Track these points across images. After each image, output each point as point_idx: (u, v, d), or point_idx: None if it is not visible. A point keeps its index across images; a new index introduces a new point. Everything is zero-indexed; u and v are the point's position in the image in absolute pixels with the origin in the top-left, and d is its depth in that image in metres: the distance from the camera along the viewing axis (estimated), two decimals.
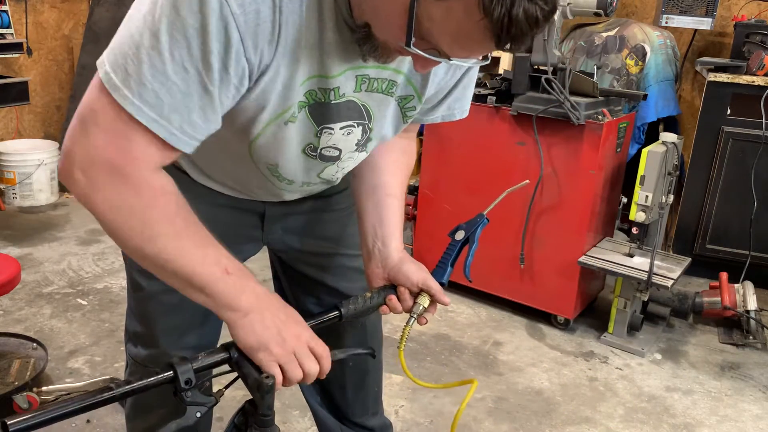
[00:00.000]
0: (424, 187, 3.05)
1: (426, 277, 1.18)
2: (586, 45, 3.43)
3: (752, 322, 2.84)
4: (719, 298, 2.88)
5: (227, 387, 1.03)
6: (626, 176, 3.01)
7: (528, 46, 2.20)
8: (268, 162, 1.11)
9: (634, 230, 2.75)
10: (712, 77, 3.16)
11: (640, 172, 2.65)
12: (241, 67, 0.89)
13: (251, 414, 1.00)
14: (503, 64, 3.59)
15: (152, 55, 0.85)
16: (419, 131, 2.05)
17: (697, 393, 2.53)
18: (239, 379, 1.00)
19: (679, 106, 3.55)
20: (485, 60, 0.97)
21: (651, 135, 3.32)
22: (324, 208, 1.39)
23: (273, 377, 0.96)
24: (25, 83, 3.68)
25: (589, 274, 2.88)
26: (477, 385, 1.18)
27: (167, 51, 0.84)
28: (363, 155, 1.19)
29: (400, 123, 1.17)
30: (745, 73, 3.14)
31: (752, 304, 2.84)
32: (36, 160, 3.93)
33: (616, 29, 3.40)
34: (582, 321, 2.99)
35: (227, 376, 1.03)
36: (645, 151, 2.65)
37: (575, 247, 2.75)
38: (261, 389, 0.95)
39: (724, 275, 2.95)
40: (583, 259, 2.73)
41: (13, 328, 2.64)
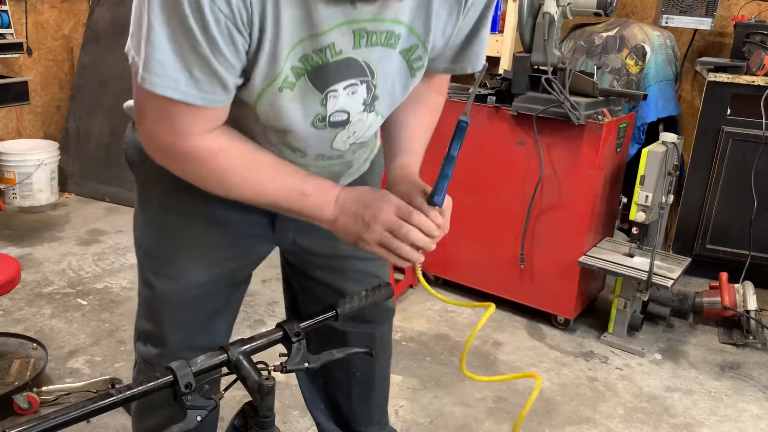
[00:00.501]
0: None
1: (411, 197, 1.11)
2: (586, 45, 3.43)
3: (752, 322, 2.84)
4: (719, 298, 2.88)
5: (226, 389, 1.03)
6: (626, 176, 3.01)
7: None
8: (277, 127, 1.10)
9: (634, 230, 2.75)
10: (712, 77, 3.16)
11: (640, 172, 2.65)
12: (236, 12, 0.91)
13: (251, 416, 1.00)
14: (503, 64, 3.59)
15: (150, 25, 0.91)
16: None
17: (697, 393, 2.53)
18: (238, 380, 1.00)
19: (679, 106, 3.55)
20: None
21: (651, 135, 3.31)
22: None
23: (272, 378, 0.95)
24: (25, 83, 3.68)
25: (589, 274, 2.88)
26: (494, 309, 1.17)
27: (159, 14, 0.90)
28: (373, 117, 1.16)
29: (408, 78, 1.14)
30: (745, 73, 3.14)
31: (752, 304, 2.84)
32: (36, 160, 3.93)
33: (616, 29, 3.40)
34: (582, 321, 2.99)
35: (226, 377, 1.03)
36: (645, 151, 2.65)
37: (575, 247, 2.75)
38: (261, 391, 0.95)
39: (724, 275, 2.95)
40: (583, 259, 2.73)
41: (13, 328, 2.64)
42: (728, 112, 3.18)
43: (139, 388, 0.89)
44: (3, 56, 3.78)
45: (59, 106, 4.48)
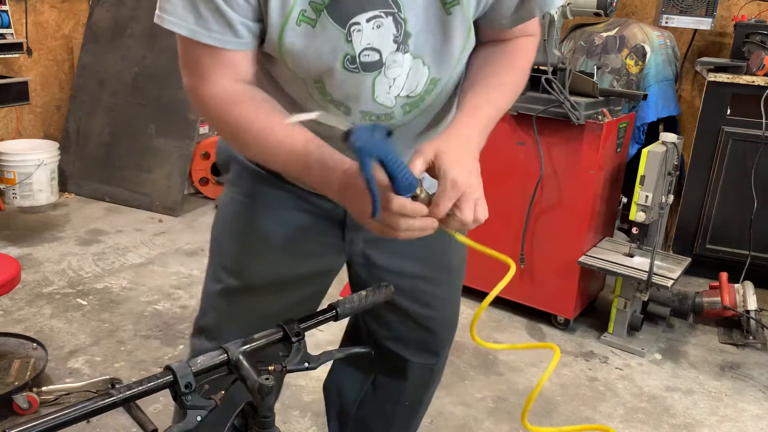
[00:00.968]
0: None
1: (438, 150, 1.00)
2: (586, 45, 3.43)
3: (752, 322, 2.84)
4: (719, 298, 2.88)
5: (227, 389, 1.02)
6: (626, 176, 3.01)
7: None
8: (312, 76, 1.07)
9: (634, 230, 2.75)
10: (712, 77, 3.16)
11: (640, 172, 2.65)
12: None
13: (251, 416, 1.00)
14: None
15: None
16: None
17: (697, 393, 2.53)
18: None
19: (679, 106, 3.55)
20: None
21: (651, 135, 3.32)
22: None
23: (272, 379, 0.95)
24: (25, 83, 3.68)
25: (589, 274, 2.88)
26: (514, 270, 1.06)
27: None
28: (410, 60, 1.05)
29: (443, 15, 1.03)
30: (745, 73, 3.14)
31: (752, 304, 2.84)
32: (36, 160, 3.93)
33: (616, 29, 3.40)
34: (582, 321, 2.99)
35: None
36: (645, 151, 2.65)
37: (575, 247, 2.75)
38: (261, 391, 0.95)
39: (724, 275, 2.95)
40: (583, 259, 2.73)
41: (13, 328, 2.64)
42: (728, 112, 3.18)
43: (139, 388, 0.89)
44: (3, 56, 3.78)
45: (59, 106, 4.48)
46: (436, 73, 1.09)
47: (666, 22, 3.41)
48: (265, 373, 0.96)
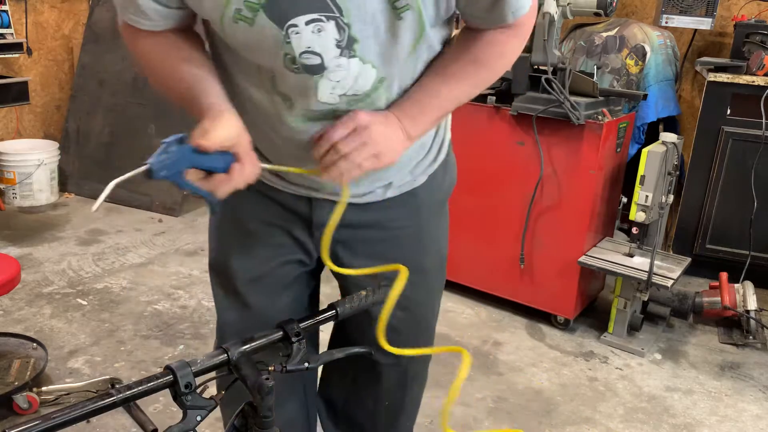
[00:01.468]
0: None
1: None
2: (586, 45, 3.43)
3: (752, 322, 2.84)
4: (719, 298, 2.88)
5: (227, 389, 1.03)
6: (626, 176, 3.01)
7: None
8: (254, 64, 1.07)
9: (634, 230, 2.75)
10: (712, 77, 3.16)
11: (640, 172, 2.65)
12: None
13: (251, 416, 1.00)
14: None
15: None
16: None
17: (697, 393, 2.53)
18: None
19: (679, 106, 3.55)
20: None
21: (651, 135, 3.32)
22: (378, 223, 1.30)
23: (273, 379, 0.95)
24: (25, 83, 3.68)
25: (589, 274, 2.88)
26: (406, 273, 1.05)
27: None
28: (359, 64, 1.04)
29: (394, 20, 1.00)
30: (745, 73, 3.14)
31: (752, 304, 2.84)
32: (36, 160, 3.93)
33: (616, 29, 3.40)
34: (582, 321, 2.99)
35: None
36: (645, 151, 2.65)
37: (575, 247, 2.75)
38: (261, 391, 0.95)
39: (724, 275, 2.95)
40: (583, 259, 2.73)
41: (13, 328, 2.64)
42: (728, 112, 3.18)
43: (139, 388, 0.89)
44: (3, 56, 3.78)
45: (59, 106, 4.48)
46: (384, 72, 1.07)
47: (666, 22, 3.41)
48: (265, 373, 0.96)
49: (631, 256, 2.78)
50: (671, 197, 2.80)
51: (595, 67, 3.26)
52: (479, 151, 2.85)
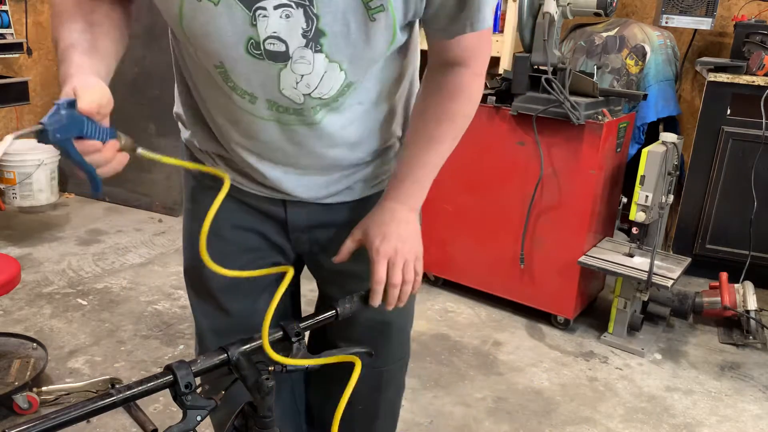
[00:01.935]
0: None
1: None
2: (586, 45, 3.43)
3: (752, 322, 2.84)
4: (719, 298, 2.89)
5: (227, 389, 1.03)
6: (626, 176, 3.01)
7: None
8: (212, 60, 1.03)
9: (634, 230, 2.75)
10: (712, 77, 3.16)
11: (640, 172, 2.65)
12: None
13: (251, 416, 1.00)
14: (503, 63, 3.59)
15: None
16: None
17: (697, 393, 2.53)
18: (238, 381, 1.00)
19: (679, 106, 3.55)
20: None
21: (651, 135, 3.32)
22: (351, 222, 1.28)
23: (273, 379, 0.96)
24: (25, 83, 3.68)
25: (589, 274, 2.88)
26: (292, 273, 1.08)
27: None
28: (324, 62, 1.02)
29: (366, 20, 0.98)
30: (745, 73, 3.14)
31: (752, 304, 2.84)
32: (36, 160, 3.92)
33: (616, 29, 3.40)
34: (582, 321, 2.99)
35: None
36: (645, 151, 2.65)
37: (575, 247, 2.75)
38: (261, 391, 0.95)
39: (724, 275, 2.95)
40: (583, 259, 2.73)
41: (13, 328, 2.64)
42: (728, 112, 3.18)
43: (139, 388, 0.89)
44: (3, 56, 3.78)
45: None
46: (353, 77, 1.07)
47: (666, 22, 3.41)
48: (265, 373, 0.96)
49: (631, 256, 2.78)
50: (671, 197, 2.80)
51: (595, 67, 3.26)
52: (479, 151, 2.85)
